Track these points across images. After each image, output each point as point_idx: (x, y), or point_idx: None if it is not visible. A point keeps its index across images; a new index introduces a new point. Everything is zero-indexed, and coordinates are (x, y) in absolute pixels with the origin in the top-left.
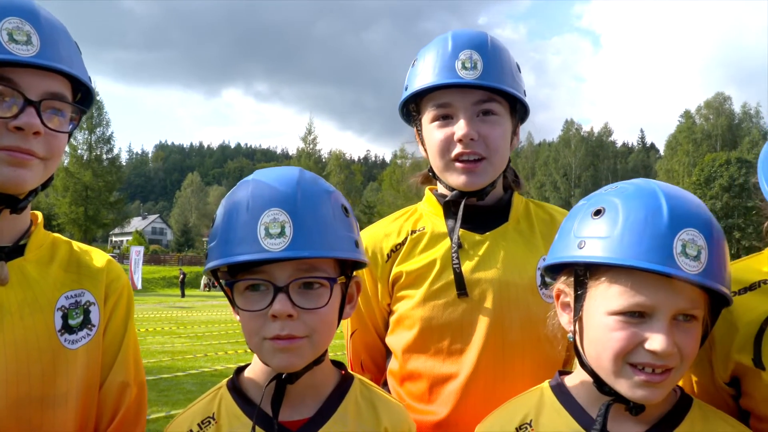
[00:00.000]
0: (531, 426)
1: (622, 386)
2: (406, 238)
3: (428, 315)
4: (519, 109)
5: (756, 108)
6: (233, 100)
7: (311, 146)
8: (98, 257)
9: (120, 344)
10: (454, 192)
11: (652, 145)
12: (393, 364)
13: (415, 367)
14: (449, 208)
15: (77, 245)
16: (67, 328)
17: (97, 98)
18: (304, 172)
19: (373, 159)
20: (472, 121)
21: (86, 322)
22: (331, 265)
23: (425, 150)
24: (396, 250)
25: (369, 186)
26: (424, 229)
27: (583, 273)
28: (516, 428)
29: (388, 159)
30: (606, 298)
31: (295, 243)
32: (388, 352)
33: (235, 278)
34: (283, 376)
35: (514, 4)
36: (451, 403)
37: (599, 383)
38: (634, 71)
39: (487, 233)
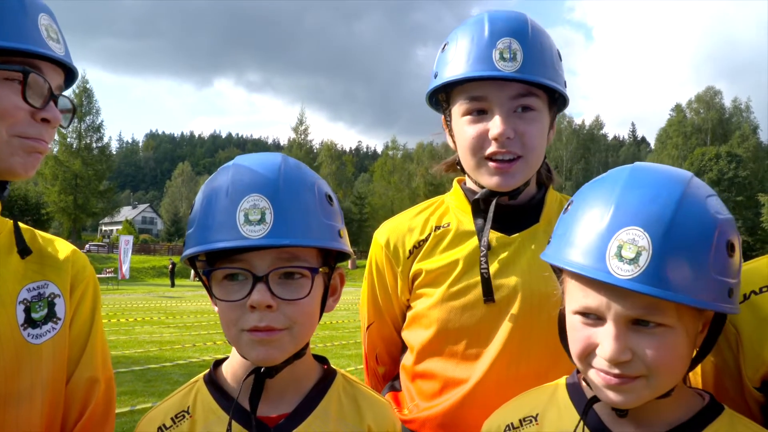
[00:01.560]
0: (536, 420)
1: (592, 386)
2: (429, 235)
3: (445, 317)
4: (558, 101)
5: (746, 103)
6: (224, 90)
7: (302, 137)
8: (62, 247)
9: (87, 337)
10: (484, 190)
11: (643, 139)
12: (407, 359)
13: (429, 367)
14: (478, 206)
15: (39, 234)
16: (30, 322)
17: (87, 86)
18: (287, 158)
19: (365, 150)
20: (509, 118)
21: (51, 315)
22: (313, 254)
23: (453, 142)
24: (419, 246)
25: (360, 177)
26: (449, 225)
27: (558, 270)
28: (520, 420)
29: (379, 150)
30: (569, 297)
31: (275, 230)
32: (404, 345)
33: (213, 267)
34: (262, 370)
35: None
36: (453, 403)
37: (586, 380)
38: (626, 65)
39: (516, 235)
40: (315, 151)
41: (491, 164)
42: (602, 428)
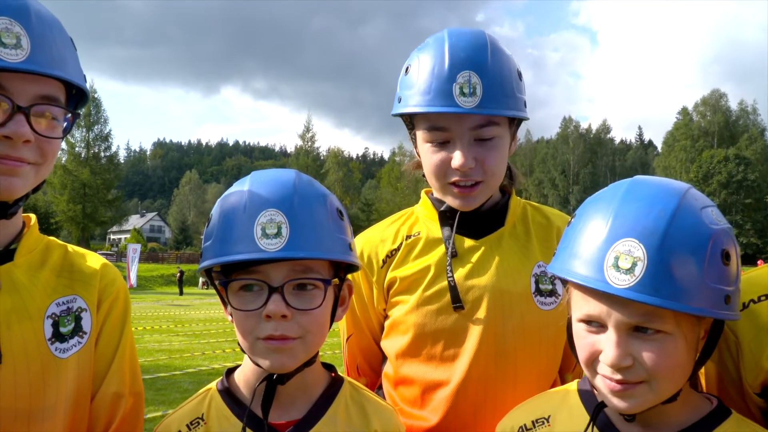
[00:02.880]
0: (548, 422)
1: (599, 392)
2: (401, 244)
3: (421, 321)
4: (517, 119)
5: (753, 105)
6: (231, 98)
7: (309, 144)
8: (93, 260)
9: (114, 352)
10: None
11: (650, 142)
12: (388, 368)
13: (408, 373)
14: (445, 216)
15: (73, 249)
16: (58, 336)
17: (95, 95)
18: (300, 174)
19: (372, 156)
20: (470, 147)
21: (77, 330)
22: (325, 267)
23: (419, 156)
24: (391, 255)
25: (367, 183)
26: (419, 234)
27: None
28: (533, 421)
29: (386, 156)
30: (574, 306)
31: (291, 244)
32: (384, 356)
33: (230, 278)
34: (274, 377)
35: (512, 0)
36: (442, 410)
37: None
38: (632, 68)
39: (482, 239)
40: (322, 158)
41: (455, 189)
42: (612, 430)
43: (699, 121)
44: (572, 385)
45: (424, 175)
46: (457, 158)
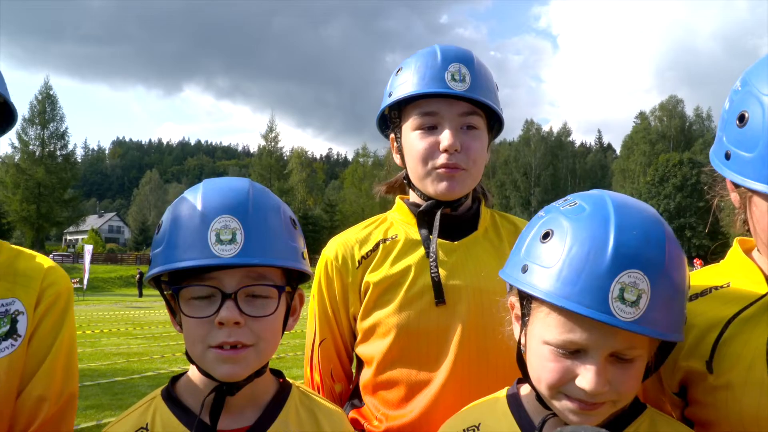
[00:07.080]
0: (478, 429)
1: (558, 410)
2: (377, 245)
3: (404, 322)
4: (494, 127)
5: (707, 112)
6: (192, 96)
7: (272, 144)
8: (39, 263)
9: (46, 354)
10: (429, 202)
11: (609, 146)
12: (365, 374)
13: (392, 376)
14: (423, 217)
15: (25, 252)
16: None
17: (51, 93)
18: (254, 183)
19: (335, 157)
20: (457, 133)
21: (12, 332)
22: (278, 274)
23: (401, 158)
24: (367, 256)
25: (331, 184)
26: (396, 237)
27: (526, 296)
28: (464, 429)
29: (350, 157)
30: (544, 327)
31: (246, 250)
32: (359, 362)
33: (182, 285)
34: (224, 387)
35: (475, 3)
36: (424, 407)
37: (540, 399)
38: (591, 73)
39: (459, 242)
40: (285, 158)
41: (440, 171)
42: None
43: (657, 125)
44: (502, 392)
45: (392, 195)
46: (445, 139)
